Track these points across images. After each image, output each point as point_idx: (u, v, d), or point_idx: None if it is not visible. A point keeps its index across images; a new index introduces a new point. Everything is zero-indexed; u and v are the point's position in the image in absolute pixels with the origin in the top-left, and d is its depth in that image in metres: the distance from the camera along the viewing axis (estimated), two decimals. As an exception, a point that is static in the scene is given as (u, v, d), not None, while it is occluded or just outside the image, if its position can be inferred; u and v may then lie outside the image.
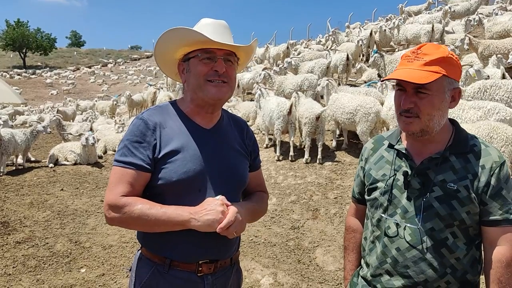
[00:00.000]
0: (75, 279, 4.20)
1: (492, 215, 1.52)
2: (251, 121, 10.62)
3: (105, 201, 1.58)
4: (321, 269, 4.40)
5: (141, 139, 1.60)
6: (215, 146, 1.71)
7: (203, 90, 1.64)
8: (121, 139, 1.67)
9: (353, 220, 1.93)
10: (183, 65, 1.71)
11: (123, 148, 1.62)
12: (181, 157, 1.61)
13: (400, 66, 1.59)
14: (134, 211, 1.52)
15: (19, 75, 43.65)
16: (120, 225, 1.61)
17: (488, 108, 5.63)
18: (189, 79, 1.68)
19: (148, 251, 1.69)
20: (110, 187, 1.59)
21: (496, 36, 11.67)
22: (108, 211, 1.56)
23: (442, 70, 1.51)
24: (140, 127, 1.62)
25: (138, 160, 1.58)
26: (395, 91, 1.63)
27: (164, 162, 1.60)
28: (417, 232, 1.55)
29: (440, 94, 1.53)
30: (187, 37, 1.63)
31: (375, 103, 7.28)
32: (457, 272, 1.56)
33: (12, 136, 8.28)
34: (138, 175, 1.59)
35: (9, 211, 6.06)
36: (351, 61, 12.38)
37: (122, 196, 1.55)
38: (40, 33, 62.34)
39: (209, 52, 1.63)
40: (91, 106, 20.91)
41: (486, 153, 1.56)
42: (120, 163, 1.60)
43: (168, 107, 1.73)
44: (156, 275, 1.65)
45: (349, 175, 6.89)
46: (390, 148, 1.72)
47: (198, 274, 1.65)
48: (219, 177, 1.67)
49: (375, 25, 18.76)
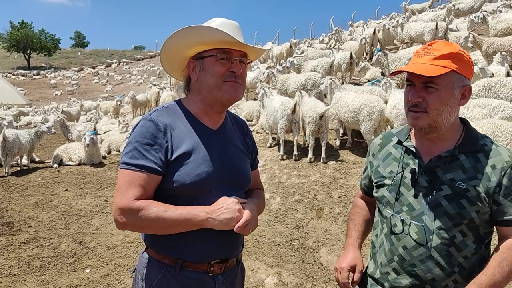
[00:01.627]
0: (80, 279, 4.21)
1: (507, 214, 1.51)
2: (255, 120, 10.60)
3: (116, 205, 1.53)
4: (326, 269, 4.39)
5: (152, 141, 1.57)
6: (223, 147, 1.70)
7: (220, 89, 1.63)
8: (128, 140, 1.63)
9: (360, 201, 1.96)
10: (195, 62, 1.67)
11: (133, 151, 1.57)
12: (193, 159, 1.59)
13: (411, 61, 1.59)
14: (149, 215, 1.49)
15: (24, 76, 43.84)
16: (132, 229, 1.59)
17: (493, 106, 5.59)
18: (203, 77, 1.65)
19: (157, 253, 1.66)
20: (121, 191, 1.54)
21: (500, 34, 11.59)
22: (120, 215, 1.52)
23: (452, 65, 1.50)
24: (151, 129, 1.58)
25: (150, 163, 1.55)
26: (405, 87, 1.62)
27: (176, 165, 1.58)
28: (423, 229, 1.54)
29: (449, 90, 1.52)
30: (211, 36, 1.60)
31: (379, 101, 7.25)
32: (465, 271, 1.54)
33: (17, 137, 8.32)
34: (150, 178, 1.55)
35: (14, 212, 6.08)
36: (354, 60, 12.33)
37: (135, 200, 1.51)
38: (44, 34, 62.57)
39: (227, 52, 1.63)
40: (95, 107, 20.95)
41: (496, 152, 1.54)
42: (131, 166, 1.55)
43: (175, 107, 1.70)
44: (167, 276, 1.63)
45: (353, 174, 6.86)
46: (399, 145, 1.71)
47: (210, 274, 1.65)
48: (228, 178, 1.67)
49: (379, 23, 18.66)
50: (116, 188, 1.58)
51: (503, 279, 1.47)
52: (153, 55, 52.25)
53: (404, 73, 1.58)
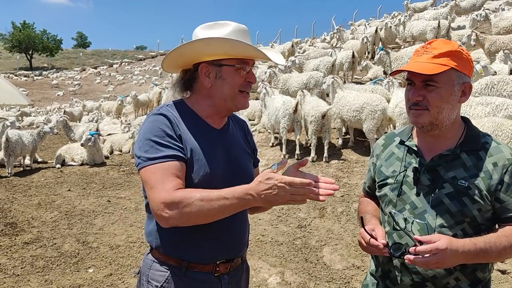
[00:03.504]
0: (83, 279, 4.22)
1: (510, 212, 1.51)
2: (257, 119, 10.60)
3: (157, 200, 1.42)
4: (329, 268, 4.38)
5: (169, 131, 1.53)
6: (227, 146, 1.70)
7: (235, 100, 1.63)
8: (139, 138, 1.57)
9: (365, 198, 1.96)
10: (210, 69, 1.61)
11: (153, 145, 1.50)
12: (200, 158, 1.58)
13: (411, 61, 1.60)
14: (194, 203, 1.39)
15: (26, 76, 43.91)
16: (179, 222, 1.44)
17: (497, 104, 5.57)
18: (220, 86, 1.62)
19: (161, 254, 1.64)
20: (157, 187, 1.44)
21: (503, 32, 11.57)
22: (164, 210, 1.41)
23: (451, 62, 1.51)
24: (164, 121, 1.55)
25: (174, 151, 1.50)
26: (406, 86, 1.63)
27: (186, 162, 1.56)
28: (425, 227, 1.55)
29: (448, 87, 1.53)
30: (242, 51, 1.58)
31: (381, 100, 7.24)
32: (467, 269, 1.55)
33: (19, 137, 8.34)
34: (181, 165, 1.50)
35: (17, 212, 6.10)
36: (356, 59, 12.32)
37: (175, 190, 1.43)
38: (46, 34, 62.80)
39: (245, 62, 1.62)
40: (97, 107, 20.98)
41: (498, 150, 1.55)
42: (157, 159, 1.48)
43: (180, 106, 1.67)
44: (173, 278, 1.61)
45: (355, 173, 6.85)
46: (401, 145, 1.73)
47: (215, 274, 1.64)
48: (232, 177, 1.65)
49: (380, 22, 18.65)
50: (149, 187, 1.48)
51: (496, 250, 1.46)
52: (154, 55, 52.26)
53: (406, 72, 1.59)
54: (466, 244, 1.43)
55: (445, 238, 1.42)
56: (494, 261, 1.57)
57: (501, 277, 3.99)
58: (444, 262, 1.41)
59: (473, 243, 1.44)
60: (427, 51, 1.55)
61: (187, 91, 1.72)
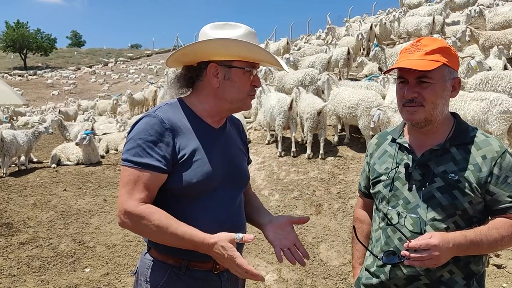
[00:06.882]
0: (80, 279, 4.21)
1: (501, 203, 1.53)
2: (253, 117, 10.59)
3: (122, 205, 1.50)
4: (325, 264, 4.40)
5: (157, 138, 1.52)
6: (225, 145, 1.70)
7: (241, 102, 1.65)
8: (129, 136, 1.57)
9: (361, 212, 1.97)
10: (219, 69, 1.60)
11: (137, 148, 1.51)
12: (199, 158, 1.57)
13: (401, 59, 1.62)
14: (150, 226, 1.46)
15: (20, 76, 43.61)
16: (132, 231, 1.58)
17: (491, 100, 5.58)
18: (228, 88, 1.61)
19: (160, 253, 1.63)
20: (127, 190, 1.50)
21: (497, 27, 11.58)
22: (124, 216, 1.49)
23: (443, 58, 1.55)
24: (156, 126, 1.53)
25: (155, 161, 1.50)
26: (397, 85, 1.66)
27: (183, 164, 1.55)
28: (418, 221, 1.57)
29: (441, 83, 1.56)
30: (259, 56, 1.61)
31: (377, 97, 7.25)
32: (460, 262, 1.57)
33: (14, 137, 8.31)
34: (154, 177, 1.51)
35: (13, 212, 6.07)
36: (352, 55, 12.31)
37: (140, 203, 1.48)
38: (40, 33, 62.36)
39: (253, 66, 1.63)
40: (92, 106, 20.87)
41: (487, 143, 1.58)
42: (135, 164, 1.51)
43: (178, 105, 1.66)
44: (173, 278, 1.61)
45: (351, 170, 6.87)
46: (393, 143, 1.76)
47: (215, 271, 1.64)
48: (230, 176, 1.67)
49: (375, 18, 18.65)
50: (121, 184, 1.53)
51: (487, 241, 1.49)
52: (149, 54, 52.05)
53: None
54: (456, 236, 1.46)
55: (436, 234, 1.45)
56: (486, 253, 1.60)
57: (497, 271, 4.02)
58: (439, 258, 1.43)
59: (463, 235, 1.47)
60: (418, 49, 1.58)
61: (187, 88, 1.70)
